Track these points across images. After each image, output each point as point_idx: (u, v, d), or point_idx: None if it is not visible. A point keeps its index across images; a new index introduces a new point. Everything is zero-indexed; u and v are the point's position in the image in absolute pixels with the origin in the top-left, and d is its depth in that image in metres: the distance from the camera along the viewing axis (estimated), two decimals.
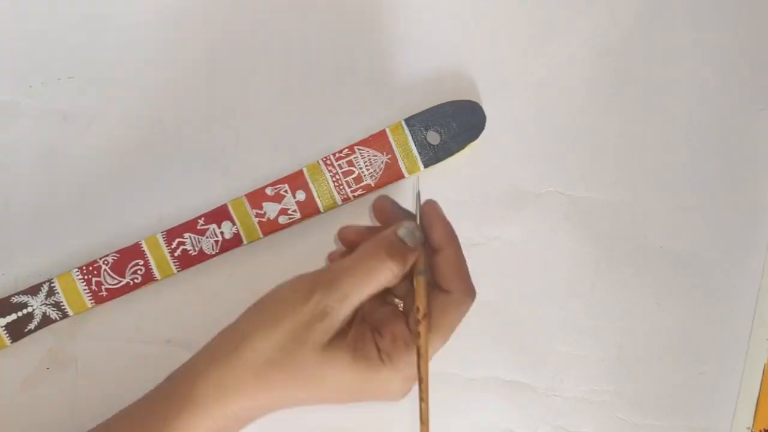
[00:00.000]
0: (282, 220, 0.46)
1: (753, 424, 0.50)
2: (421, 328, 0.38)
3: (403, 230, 0.39)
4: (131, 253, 0.45)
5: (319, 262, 0.47)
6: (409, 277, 0.40)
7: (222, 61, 0.48)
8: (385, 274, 0.37)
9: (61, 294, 0.44)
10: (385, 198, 0.42)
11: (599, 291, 0.50)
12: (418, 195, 0.41)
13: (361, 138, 0.47)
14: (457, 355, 0.45)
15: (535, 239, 0.49)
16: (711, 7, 0.51)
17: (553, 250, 0.50)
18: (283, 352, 0.37)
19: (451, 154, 0.48)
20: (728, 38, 0.51)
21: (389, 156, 0.47)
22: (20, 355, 0.45)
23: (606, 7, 0.50)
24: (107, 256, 0.45)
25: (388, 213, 0.41)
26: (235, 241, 0.46)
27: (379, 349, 0.38)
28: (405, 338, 0.38)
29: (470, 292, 0.39)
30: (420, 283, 0.39)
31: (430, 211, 0.40)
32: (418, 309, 0.38)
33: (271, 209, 0.46)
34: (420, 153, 0.47)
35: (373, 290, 0.38)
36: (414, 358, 0.38)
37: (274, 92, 0.48)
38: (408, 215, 0.41)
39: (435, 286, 0.39)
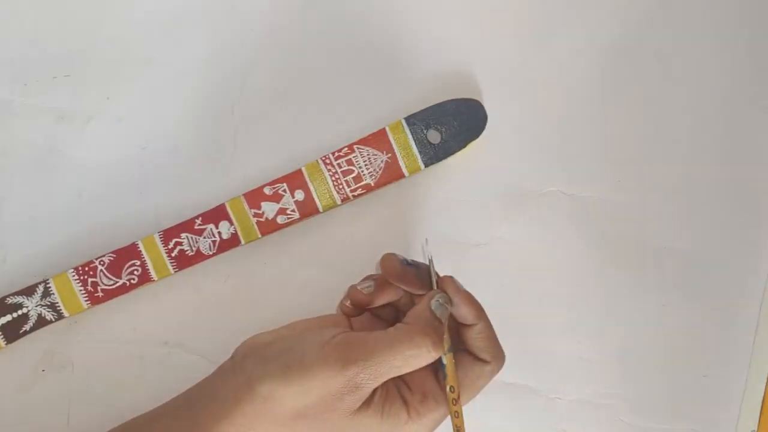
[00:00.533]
0: (280, 219, 0.46)
1: (758, 427, 0.49)
2: (458, 407, 0.39)
3: (435, 303, 0.39)
4: (128, 253, 0.45)
5: (317, 262, 0.47)
6: None
7: (220, 59, 0.48)
8: (424, 358, 0.38)
9: (56, 295, 0.44)
10: (393, 257, 0.41)
11: (602, 292, 0.49)
12: (431, 261, 0.41)
13: (361, 137, 0.46)
14: None
15: (538, 239, 0.49)
16: (715, 5, 0.51)
17: (556, 250, 0.49)
18: (312, 410, 0.37)
19: (452, 153, 0.47)
20: (732, 37, 0.51)
21: (389, 155, 0.46)
22: (15, 357, 0.45)
23: (609, 5, 0.50)
24: (103, 256, 0.44)
25: (399, 274, 0.41)
26: (233, 242, 0.45)
27: (407, 405, 0.38)
28: (435, 396, 0.39)
29: (504, 358, 0.40)
30: (450, 360, 0.39)
31: (451, 288, 0.40)
32: (452, 388, 0.39)
33: (269, 209, 0.46)
34: (420, 152, 0.47)
35: (408, 371, 0.38)
36: (441, 414, 0.39)
37: (272, 91, 0.48)
38: (419, 270, 0.41)
39: (466, 354, 0.40)
